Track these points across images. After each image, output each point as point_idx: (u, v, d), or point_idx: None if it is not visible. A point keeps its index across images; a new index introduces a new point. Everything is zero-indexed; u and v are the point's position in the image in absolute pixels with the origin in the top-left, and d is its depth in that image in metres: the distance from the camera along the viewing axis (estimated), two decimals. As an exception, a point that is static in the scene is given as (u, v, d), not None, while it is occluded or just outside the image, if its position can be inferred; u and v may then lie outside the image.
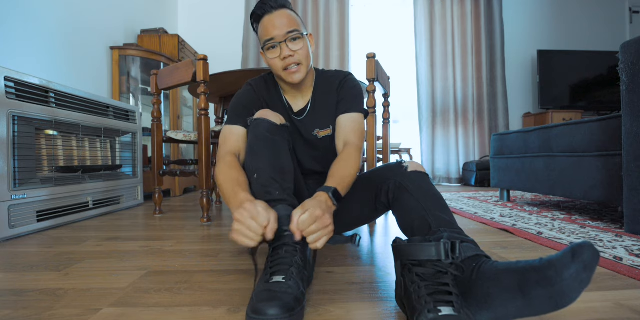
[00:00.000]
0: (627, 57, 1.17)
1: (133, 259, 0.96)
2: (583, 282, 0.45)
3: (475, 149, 3.73)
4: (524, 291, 0.47)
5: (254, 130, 0.81)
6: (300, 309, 0.56)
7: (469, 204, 2.01)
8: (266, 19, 0.87)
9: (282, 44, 0.86)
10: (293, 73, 0.88)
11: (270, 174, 0.75)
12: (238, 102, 0.96)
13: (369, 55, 1.69)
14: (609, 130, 1.30)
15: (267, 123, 0.81)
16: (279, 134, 0.82)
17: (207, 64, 1.52)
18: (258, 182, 0.75)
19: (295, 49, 0.87)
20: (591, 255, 0.45)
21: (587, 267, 0.45)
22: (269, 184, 0.73)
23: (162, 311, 0.63)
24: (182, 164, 2.07)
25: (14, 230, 1.24)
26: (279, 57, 0.87)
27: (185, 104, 3.23)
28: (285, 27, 0.86)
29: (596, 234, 1.18)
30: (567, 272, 0.45)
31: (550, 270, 0.46)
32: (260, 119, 0.82)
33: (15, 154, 1.25)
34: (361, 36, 3.81)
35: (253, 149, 0.79)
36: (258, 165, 0.77)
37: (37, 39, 1.87)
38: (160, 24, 3.26)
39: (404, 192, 0.76)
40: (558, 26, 3.98)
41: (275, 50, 0.87)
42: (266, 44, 0.88)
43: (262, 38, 0.89)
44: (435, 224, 0.67)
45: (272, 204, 0.70)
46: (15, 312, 0.62)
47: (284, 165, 0.78)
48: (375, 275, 0.82)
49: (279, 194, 0.72)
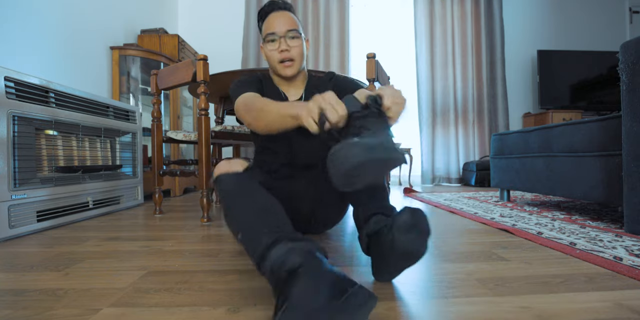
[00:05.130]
0: (627, 57, 1.17)
1: (133, 259, 0.96)
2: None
3: (475, 149, 3.73)
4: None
5: (220, 192, 0.77)
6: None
7: (469, 204, 2.01)
8: (272, 16, 1.00)
9: (282, 39, 0.98)
10: (287, 67, 1.00)
11: (254, 225, 0.67)
12: (241, 82, 1.02)
13: (369, 55, 1.69)
14: (609, 130, 1.30)
15: (227, 177, 0.78)
16: (244, 179, 0.79)
17: (207, 64, 1.52)
18: (245, 238, 0.67)
19: (292, 45, 0.99)
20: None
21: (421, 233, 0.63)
22: (256, 236, 0.64)
23: (162, 311, 0.63)
24: (182, 164, 2.07)
25: (14, 230, 1.24)
26: (277, 50, 0.99)
27: (185, 104, 3.23)
28: (287, 26, 0.98)
29: (596, 234, 1.18)
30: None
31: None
32: (219, 177, 0.79)
33: (15, 154, 1.25)
34: (361, 36, 3.81)
35: (226, 209, 0.74)
36: (238, 224, 0.70)
37: (37, 39, 1.87)
38: (160, 24, 3.26)
39: None
40: (558, 26, 3.98)
41: (274, 43, 0.99)
42: (267, 37, 0.99)
43: (265, 32, 1.01)
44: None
45: (266, 252, 0.60)
46: (15, 312, 0.62)
47: (265, 204, 0.72)
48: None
49: (266, 240, 0.62)
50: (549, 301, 0.65)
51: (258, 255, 0.60)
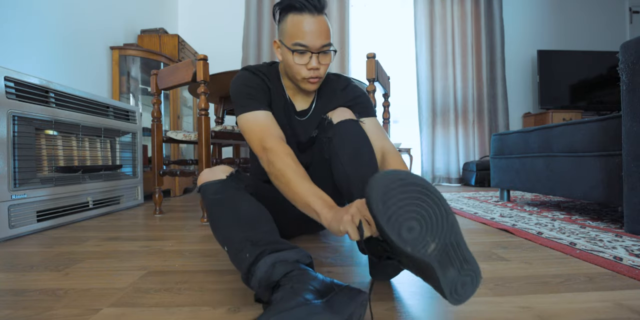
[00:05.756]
0: (627, 57, 1.17)
1: (133, 259, 0.96)
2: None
3: (475, 149, 3.73)
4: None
5: (204, 201, 0.76)
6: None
7: (469, 204, 2.01)
8: (306, 20, 0.80)
9: (314, 55, 0.82)
10: (312, 84, 0.86)
11: (238, 239, 0.65)
12: (243, 87, 0.88)
13: (369, 55, 1.69)
14: (609, 130, 1.30)
15: (211, 186, 0.76)
16: (228, 187, 0.75)
17: (207, 64, 1.51)
18: (230, 253, 0.66)
19: (323, 63, 0.84)
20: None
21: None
22: (241, 250, 0.63)
23: (162, 311, 0.63)
24: (182, 164, 2.06)
25: (14, 230, 1.24)
26: (305, 65, 0.83)
27: (185, 104, 3.23)
28: (323, 39, 0.82)
29: (596, 234, 1.18)
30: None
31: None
32: (203, 186, 0.77)
33: (15, 154, 1.25)
34: (361, 36, 3.81)
35: (211, 221, 0.73)
36: (223, 237, 0.69)
37: (37, 39, 1.87)
38: (160, 24, 3.26)
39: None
40: (558, 26, 3.98)
41: (304, 56, 0.82)
42: (296, 46, 0.81)
43: (293, 37, 0.81)
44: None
45: (252, 267, 0.59)
46: (15, 312, 0.62)
47: (249, 214, 0.70)
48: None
49: (248, 256, 0.61)
50: (549, 301, 0.65)
51: (244, 272, 0.60)
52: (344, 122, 0.84)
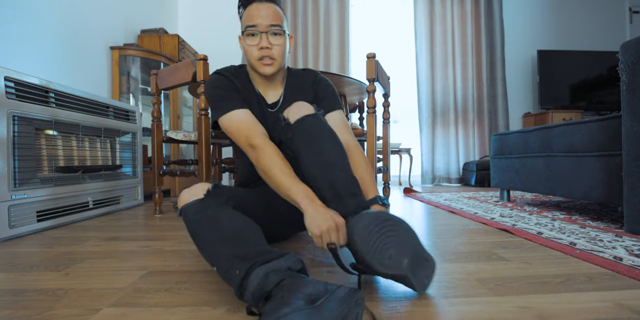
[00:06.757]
0: (627, 57, 1.17)
1: (133, 259, 0.96)
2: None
3: (475, 149, 3.73)
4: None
5: (186, 224, 0.74)
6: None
7: (469, 204, 2.01)
8: (254, 6, 0.89)
9: (263, 35, 0.88)
10: (266, 65, 0.90)
11: (225, 256, 0.64)
12: (216, 89, 0.92)
13: (369, 55, 1.69)
14: (609, 130, 1.30)
15: (190, 208, 0.73)
16: (208, 206, 0.73)
17: (207, 64, 1.52)
18: (220, 271, 0.65)
19: (274, 43, 0.89)
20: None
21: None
22: (230, 268, 0.62)
23: (162, 311, 0.63)
24: (182, 164, 2.07)
25: (14, 230, 1.24)
26: (256, 46, 0.89)
27: (185, 104, 3.23)
28: (270, 19, 0.88)
29: (596, 234, 1.18)
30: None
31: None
32: (182, 210, 0.75)
33: (15, 154, 1.25)
34: (361, 36, 3.81)
35: (196, 242, 0.72)
36: (210, 257, 0.68)
37: (37, 39, 1.87)
38: (160, 24, 3.26)
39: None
40: (558, 26, 3.98)
41: (254, 37, 0.89)
42: (247, 29, 0.88)
43: (245, 23, 0.89)
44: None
45: (244, 282, 0.59)
46: (15, 312, 0.62)
47: (232, 229, 0.69)
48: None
49: (239, 273, 0.60)
50: (549, 301, 0.65)
51: (237, 289, 0.59)
52: (302, 119, 0.80)
